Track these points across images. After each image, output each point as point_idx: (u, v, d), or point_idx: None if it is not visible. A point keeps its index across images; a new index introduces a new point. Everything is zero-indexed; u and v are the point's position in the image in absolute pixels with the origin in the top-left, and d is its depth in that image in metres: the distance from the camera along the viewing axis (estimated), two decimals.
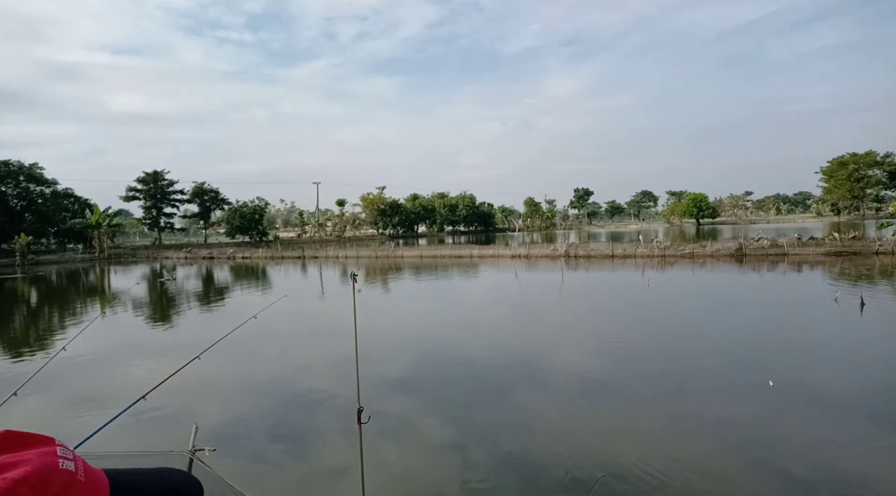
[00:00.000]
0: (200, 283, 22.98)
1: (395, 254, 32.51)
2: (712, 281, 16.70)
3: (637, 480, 3.75)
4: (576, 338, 8.76)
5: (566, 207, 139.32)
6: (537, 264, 24.28)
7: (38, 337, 11.04)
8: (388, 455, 4.35)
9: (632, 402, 5.44)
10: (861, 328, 8.74)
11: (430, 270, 23.23)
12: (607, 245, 29.02)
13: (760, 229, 42.04)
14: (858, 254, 22.37)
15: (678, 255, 25.08)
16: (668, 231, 62.92)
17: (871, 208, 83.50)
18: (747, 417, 4.90)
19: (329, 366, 7.16)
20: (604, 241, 36.48)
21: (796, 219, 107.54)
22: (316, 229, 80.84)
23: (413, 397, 5.88)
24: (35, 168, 50.86)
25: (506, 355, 7.56)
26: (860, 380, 5.92)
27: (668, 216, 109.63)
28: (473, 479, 3.92)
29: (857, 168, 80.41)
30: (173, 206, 66.05)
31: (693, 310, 11.25)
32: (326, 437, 4.82)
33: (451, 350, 8.07)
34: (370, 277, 20.80)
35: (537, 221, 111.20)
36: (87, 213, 47.95)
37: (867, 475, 3.77)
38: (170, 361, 7.06)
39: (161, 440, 4.42)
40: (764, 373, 6.03)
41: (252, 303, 14.36)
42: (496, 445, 4.46)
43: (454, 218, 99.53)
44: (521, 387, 6.11)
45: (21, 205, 49.28)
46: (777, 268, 19.21)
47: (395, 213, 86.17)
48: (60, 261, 41.68)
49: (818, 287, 14.65)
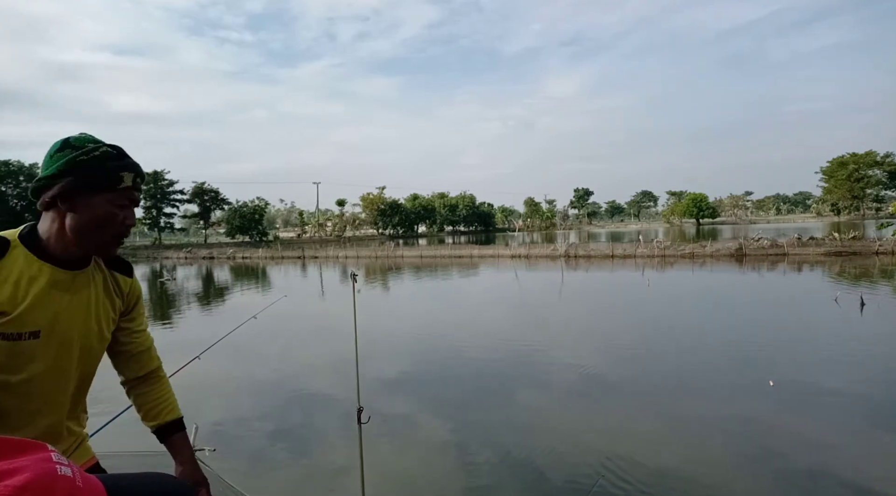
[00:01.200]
0: (200, 283, 22.99)
1: (394, 254, 32.51)
2: (712, 281, 16.70)
3: (637, 481, 3.75)
4: (576, 338, 8.77)
5: (566, 207, 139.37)
6: (537, 264, 24.29)
7: None
8: (388, 455, 4.35)
9: (632, 402, 5.44)
10: (861, 328, 8.74)
11: (430, 270, 23.23)
12: (607, 245, 29.03)
13: (760, 229, 42.05)
14: (858, 254, 22.37)
15: (678, 255, 25.08)
16: (668, 231, 62.95)
17: (871, 208, 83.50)
18: (748, 417, 4.90)
19: (329, 366, 7.16)
20: (604, 241, 36.49)
21: (796, 219, 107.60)
22: (316, 229, 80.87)
23: (413, 397, 5.88)
24: (35, 168, 50.93)
25: (506, 355, 7.56)
26: (860, 379, 5.92)
27: (668, 216, 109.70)
28: (473, 479, 3.92)
29: (857, 168, 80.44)
30: (173, 206, 66.12)
31: (693, 310, 11.25)
32: (326, 437, 4.82)
33: (451, 350, 8.07)
34: (370, 277, 20.81)
35: (537, 221, 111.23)
36: None
37: (867, 475, 3.77)
38: (170, 361, 7.02)
39: None
40: (764, 373, 6.04)
41: (252, 303, 14.36)
42: (496, 445, 4.46)
43: (454, 218, 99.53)
44: (522, 386, 6.11)
45: (21, 205, 49.33)
46: (777, 268, 19.21)
47: (395, 213, 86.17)
48: None
49: (818, 287, 14.65)
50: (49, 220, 1.25)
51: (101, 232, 1.26)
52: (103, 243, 1.29)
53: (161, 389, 1.54)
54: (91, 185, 1.22)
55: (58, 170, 1.21)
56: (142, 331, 1.52)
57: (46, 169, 1.23)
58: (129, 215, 1.30)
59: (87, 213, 1.23)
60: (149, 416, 1.51)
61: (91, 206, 1.23)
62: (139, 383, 1.52)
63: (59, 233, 1.24)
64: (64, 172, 1.21)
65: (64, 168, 1.21)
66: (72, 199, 1.22)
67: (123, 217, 1.28)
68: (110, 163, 1.24)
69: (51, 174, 1.21)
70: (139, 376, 1.51)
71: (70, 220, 1.23)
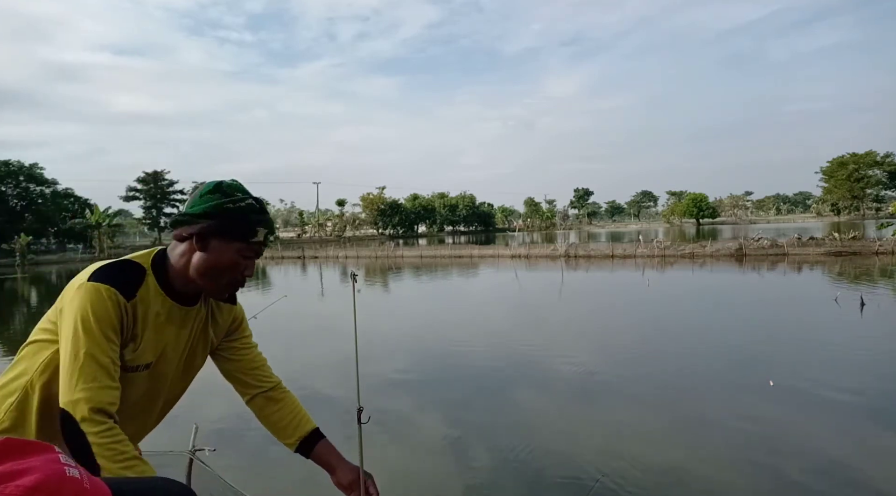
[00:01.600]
0: None
1: (394, 254, 32.51)
2: (712, 281, 16.71)
3: (636, 481, 3.75)
4: (576, 338, 8.76)
5: (566, 207, 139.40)
6: (537, 264, 24.29)
7: None
8: (388, 455, 4.35)
9: (632, 402, 5.44)
10: (861, 328, 8.74)
11: (430, 270, 23.24)
12: (607, 245, 29.02)
13: (760, 229, 42.03)
14: (858, 254, 22.37)
15: (678, 255, 25.07)
16: (668, 231, 62.94)
17: (871, 208, 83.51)
18: (748, 417, 4.90)
19: (329, 366, 7.16)
20: (604, 241, 36.48)
21: (796, 219, 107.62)
22: (316, 229, 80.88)
23: (413, 397, 5.88)
24: (35, 168, 50.88)
25: (506, 355, 7.56)
26: (860, 379, 5.91)
27: (668, 216, 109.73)
28: (473, 479, 3.92)
29: (857, 168, 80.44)
30: (173, 206, 66.11)
31: (693, 310, 11.25)
32: (327, 437, 4.81)
33: (451, 350, 8.08)
34: (370, 277, 20.81)
35: (537, 221, 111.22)
36: (87, 213, 47.91)
37: (868, 475, 3.77)
38: None
39: (161, 440, 4.40)
40: (764, 373, 6.03)
41: (252, 303, 14.34)
42: (496, 445, 4.46)
43: (454, 218, 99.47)
44: (521, 386, 6.11)
45: (21, 205, 49.30)
46: (777, 268, 19.21)
47: (395, 213, 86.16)
48: (60, 261, 41.72)
49: (818, 287, 14.65)
50: (179, 253, 1.30)
51: (221, 276, 1.30)
52: (219, 287, 1.33)
53: (292, 403, 1.57)
54: (229, 232, 1.27)
55: (204, 210, 1.26)
56: (251, 348, 1.56)
57: (193, 207, 1.28)
58: (250, 266, 1.34)
59: (216, 256, 1.27)
60: (286, 433, 1.54)
61: (222, 251, 1.27)
62: (266, 403, 1.54)
63: (185, 268, 1.29)
64: (209, 214, 1.25)
65: (210, 211, 1.25)
66: (207, 241, 1.27)
67: (244, 267, 1.32)
68: (252, 216, 1.29)
69: (196, 213, 1.26)
70: (262, 392, 1.54)
71: (198, 258, 1.28)
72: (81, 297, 1.15)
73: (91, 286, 1.17)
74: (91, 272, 1.20)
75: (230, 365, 1.51)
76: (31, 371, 1.22)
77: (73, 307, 1.15)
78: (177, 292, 1.31)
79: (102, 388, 1.13)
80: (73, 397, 1.10)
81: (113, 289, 1.18)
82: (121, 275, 1.22)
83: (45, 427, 1.20)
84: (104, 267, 1.22)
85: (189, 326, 1.37)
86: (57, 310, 1.22)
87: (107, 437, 1.10)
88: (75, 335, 1.13)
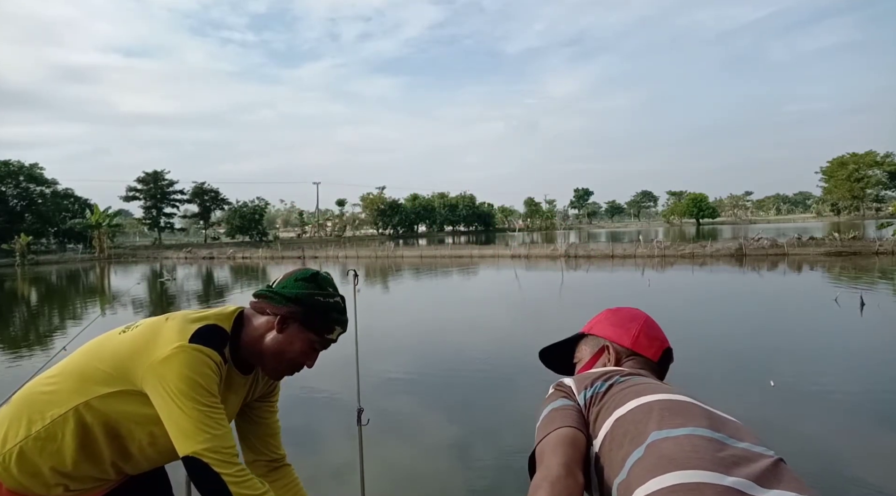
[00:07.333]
0: (200, 283, 22.99)
1: (394, 254, 32.51)
2: (712, 281, 16.70)
3: None
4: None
5: (566, 207, 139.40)
6: (537, 264, 24.28)
7: (38, 336, 11.04)
8: (389, 456, 4.35)
9: None
10: (861, 328, 8.74)
11: (430, 270, 23.24)
12: (607, 245, 29.03)
13: (760, 229, 42.05)
14: (858, 254, 22.36)
15: (678, 255, 25.07)
16: (668, 231, 62.96)
17: (871, 208, 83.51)
18: (748, 417, 4.86)
19: (329, 367, 7.13)
20: (604, 240, 36.48)
21: (796, 219, 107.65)
22: (316, 229, 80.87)
23: (413, 397, 5.88)
24: (35, 168, 50.86)
25: (506, 355, 7.55)
26: (861, 379, 5.92)
27: (668, 216, 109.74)
28: (473, 479, 3.92)
29: (857, 168, 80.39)
30: (173, 206, 66.06)
31: (693, 310, 11.25)
32: (326, 438, 4.82)
33: (452, 350, 8.07)
34: (370, 277, 20.80)
35: (537, 221, 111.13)
36: (87, 213, 47.84)
37: (868, 475, 3.77)
38: None
39: None
40: (765, 373, 6.03)
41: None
42: (496, 445, 4.46)
43: (454, 218, 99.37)
44: (522, 386, 6.11)
45: (21, 205, 49.26)
46: (777, 268, 19.21)
47: (394, 213, 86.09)
48: (60, 261, 41.69)
49: (818, 287, 14.65)
50: (256, 326, 1.35)
51: (285, 359, 1.35)
52: (280, 368, 1.38)
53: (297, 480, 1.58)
54: (310, 322, 1.33)
55: (295, 295, 1.32)
56: (274, 413, 1.57)
57: (285, 287, 1.34)
58: (314, 358, 1.40)
59: (289, 340, 1.33)
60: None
61: (297, 337, 1.33)
62: (273, 471, 1.55)
63: (258, 342, 1.34)
64: (299, 301, 1.32)
65: (301, 297, 1.32)
66: (287, 324, 1.32)
67: (310, 358, 1.38)
68: (334, 313, 1.35)
69: (287, 295, 1.32)
70: (271, 460, 1.54)
71: (272, 338, 1.33)
72: (191, 359, 1.21)
73: (196, 349, 1.22)
74: (190, 334, 1.24)
75: (251, 427, 1.53)
76: (89, 396, 1.24)
77: (181, 367, 1.20)
78: (240, 361, 1.36)
79: (225, 434, 1.21)
80: (202, 444, 1.16)
81: (217, 354, 1.26)
82: (219, 340, 1.28)
83: (80, 449, 1.25)
84: (203, 330, 1.26)
85: (241, 393, 1.42)
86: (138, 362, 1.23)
87: (242, 477, 1.19)
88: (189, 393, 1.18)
